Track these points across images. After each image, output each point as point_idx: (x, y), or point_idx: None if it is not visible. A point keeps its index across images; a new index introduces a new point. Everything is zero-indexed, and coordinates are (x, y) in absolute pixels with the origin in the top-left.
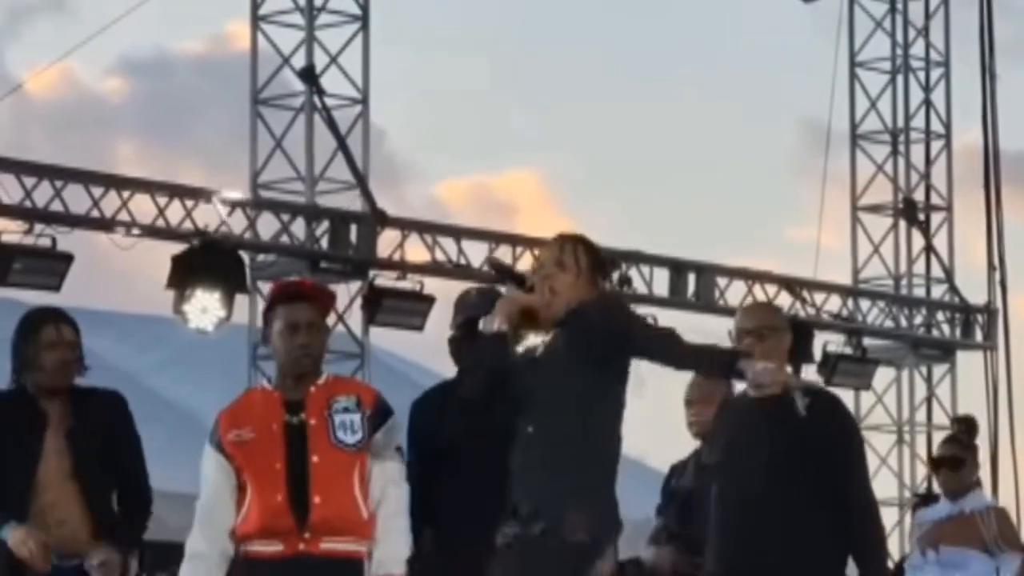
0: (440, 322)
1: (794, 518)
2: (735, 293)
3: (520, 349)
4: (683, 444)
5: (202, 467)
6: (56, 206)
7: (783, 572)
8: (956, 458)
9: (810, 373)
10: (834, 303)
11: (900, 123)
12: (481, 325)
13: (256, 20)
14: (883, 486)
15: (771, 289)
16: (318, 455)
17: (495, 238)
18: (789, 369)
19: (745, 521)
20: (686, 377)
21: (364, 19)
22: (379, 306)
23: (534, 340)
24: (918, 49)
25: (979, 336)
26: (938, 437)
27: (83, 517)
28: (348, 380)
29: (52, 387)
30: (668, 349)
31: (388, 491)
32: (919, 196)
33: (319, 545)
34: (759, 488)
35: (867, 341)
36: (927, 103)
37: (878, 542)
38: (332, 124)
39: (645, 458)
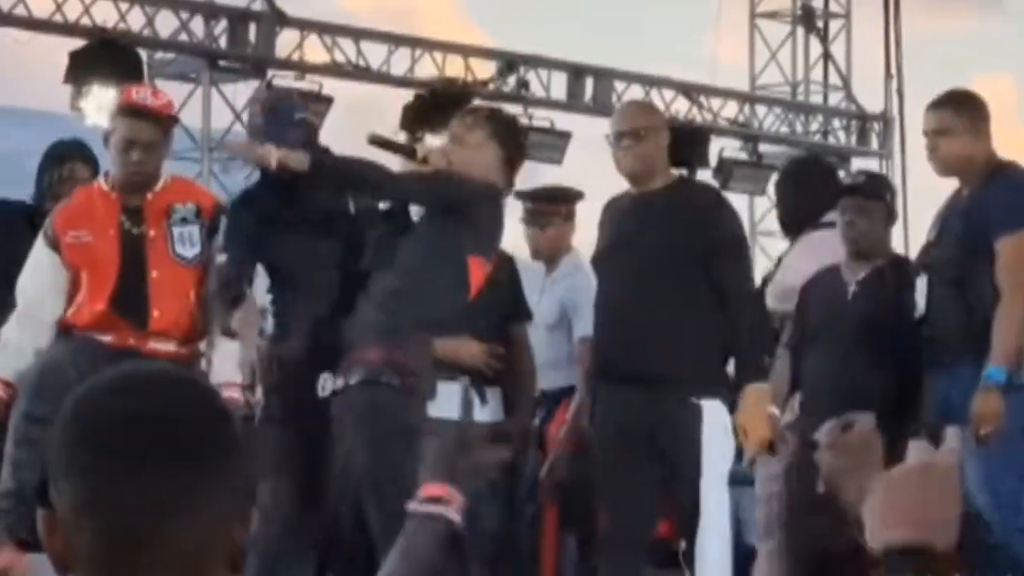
0: (338, 122)
1: (674, 316)
2: (633, 98)
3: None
4: None
5: (32, 259)
6: None
7: (662, 371)
8: None
9: (706, 178)
10: (731, 109)
11: None
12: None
13: None
14: None
15: (668, 94)
16: (157, 270)
17: (394, 40)
18: (673, 170)
19: (626, 319)
20: None
21: None
22: None
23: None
24: None
25: (875, 144)
26: None
27: None
28: (186, 184)
29: None
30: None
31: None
32: (817, 3)
33: (147, 344)
34: (642, 285)
35: (763, 147)
36: None
37: (757, 344)
38: None
39: None
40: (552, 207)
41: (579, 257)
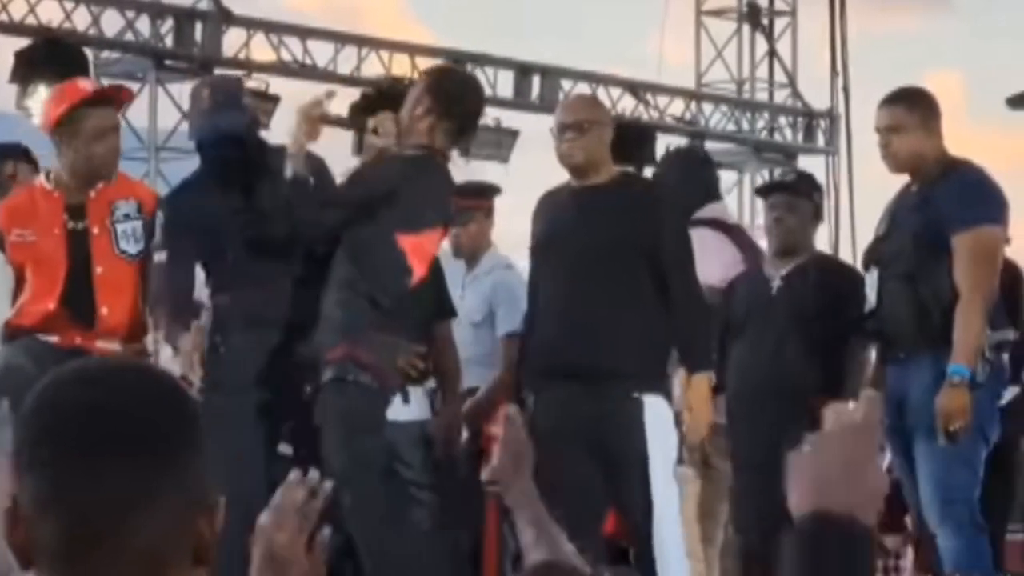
0: (286, 121)
1: (615, 311)
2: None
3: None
4: None
5: None
6: None
7: (604, 365)
8: None
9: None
10: (677, 107)
11: None
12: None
13: None
14: None
15: (615, 92)
16: (102, 266)
17: (341, 39)
18: (616, 168)
19: (566, 314)
20: None
21: None
22: None
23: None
24: None
25: (821, 141)
26: None
27: None
28: (127, 179)
29: None
30: None
31: None
32: (763, 1)
33: (95, 343)
34: (583, 278)
35: (709, 145)
36: None
37: (703, 333)
38: None
39: None
40: (473, 202)
41: (500, 253)
